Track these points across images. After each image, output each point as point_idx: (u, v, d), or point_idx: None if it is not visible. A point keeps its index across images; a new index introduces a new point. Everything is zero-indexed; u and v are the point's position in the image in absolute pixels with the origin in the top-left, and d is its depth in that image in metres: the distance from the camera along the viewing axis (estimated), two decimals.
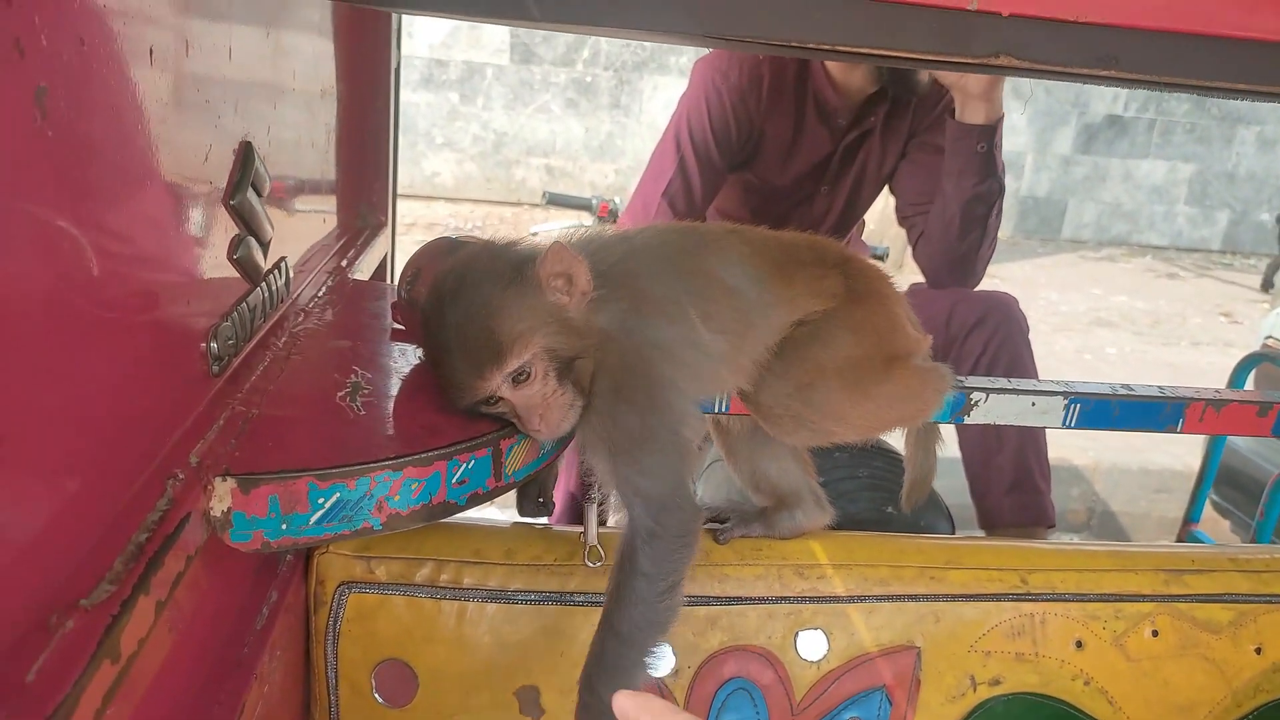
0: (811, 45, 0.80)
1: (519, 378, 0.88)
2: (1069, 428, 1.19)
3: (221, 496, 0.77)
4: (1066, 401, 1.17)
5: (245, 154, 0.96)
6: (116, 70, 0.67)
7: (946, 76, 2.00)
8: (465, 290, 0.89)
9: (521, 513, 1.17)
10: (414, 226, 6.88)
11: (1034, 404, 1.17)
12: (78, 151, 0.62)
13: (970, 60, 0.81)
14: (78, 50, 0.61)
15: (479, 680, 1.08)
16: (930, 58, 0.82)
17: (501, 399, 0.89)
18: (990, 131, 1.99)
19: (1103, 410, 1.17)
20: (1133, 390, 1.20)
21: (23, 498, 0.56)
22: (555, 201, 3.61)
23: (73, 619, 0.57)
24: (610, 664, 0.91)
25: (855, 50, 0.81)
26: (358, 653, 1.07)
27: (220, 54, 0.91)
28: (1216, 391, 1.23)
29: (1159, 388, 1.21)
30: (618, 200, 3.47)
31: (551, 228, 3.76)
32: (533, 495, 1.15)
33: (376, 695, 1.07)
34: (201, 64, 0.85)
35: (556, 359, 0.89)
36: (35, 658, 0.53)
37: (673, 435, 0.95)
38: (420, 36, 7.99)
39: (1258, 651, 1.22)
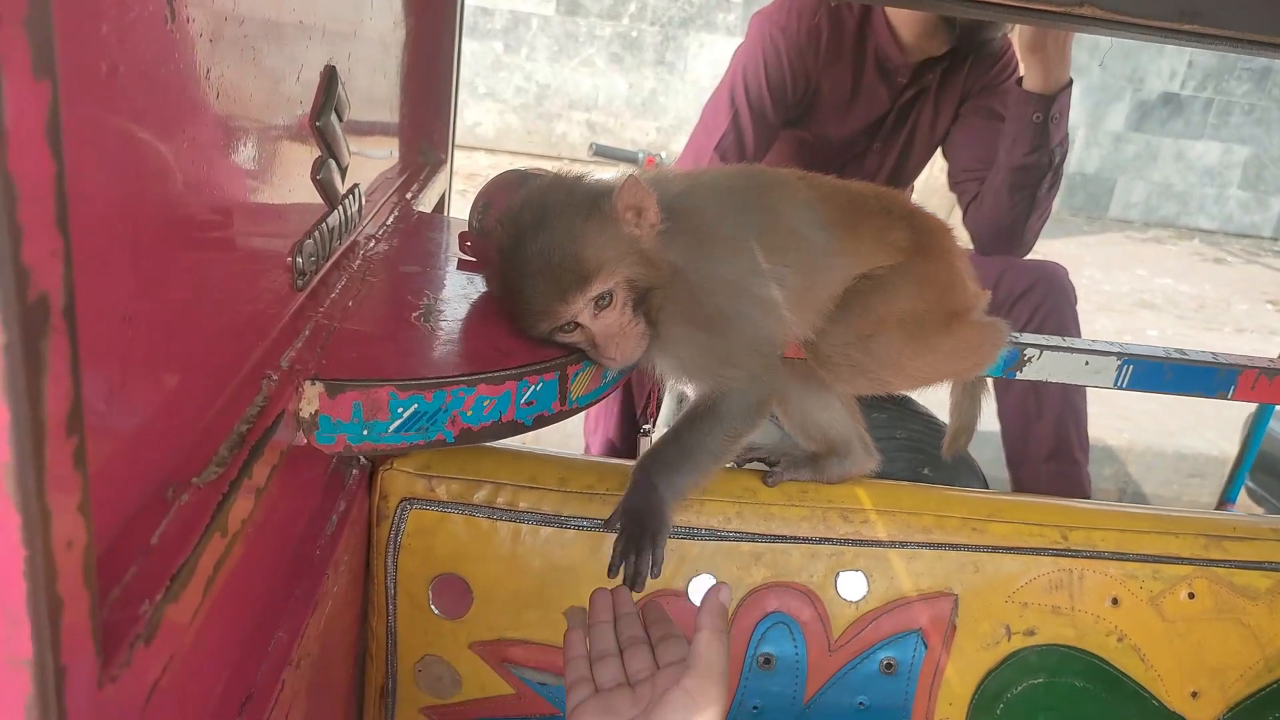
0: None
1: (601, 303, 0.91)
2: (1121, 388, 1.20)
3: (310, 399, 0.81)
4: (1120, 362, 1.18)
5: (330, 78, 0.99)
6: None
7: (1019, 40, 1.97)
8: (548, 219, 0.92)
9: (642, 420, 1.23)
10: (454, 176, 6.90)
11: (1087, 363, 1.18)
12: (195, 59, 0.65)
13: (1056, 9, 0.82)
14: None
15: (530, 598, 1.13)
16: (1015, 4, 0.82)
17: (579, 326, 0.93)
18: (1048, 102, 1.97)
19: (1155, 372, 1.18)
20: (1186, 354, 1.20)
21: (141, 380, 0.60)
22: (601, 154, 3.61)
23: (187, 494, 0.61)
24: (669, 462, 0.98)
25: None
26: (416, 565, 1.12)
27: None
28: (1271, 360, 1.23)
29: (1212, 354, 1.22)
30: (663, 155, 3.46)
31: (611, 177, 3.76)
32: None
33: (433, 606, 1.13)
34: None
35: (634, 289, 0.92)
36: (157, 524, 0.58)
37: (750, 351, 1.00)
38: None
39: None
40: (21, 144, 0.35)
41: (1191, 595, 1.21)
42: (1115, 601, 1.20)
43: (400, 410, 0.84)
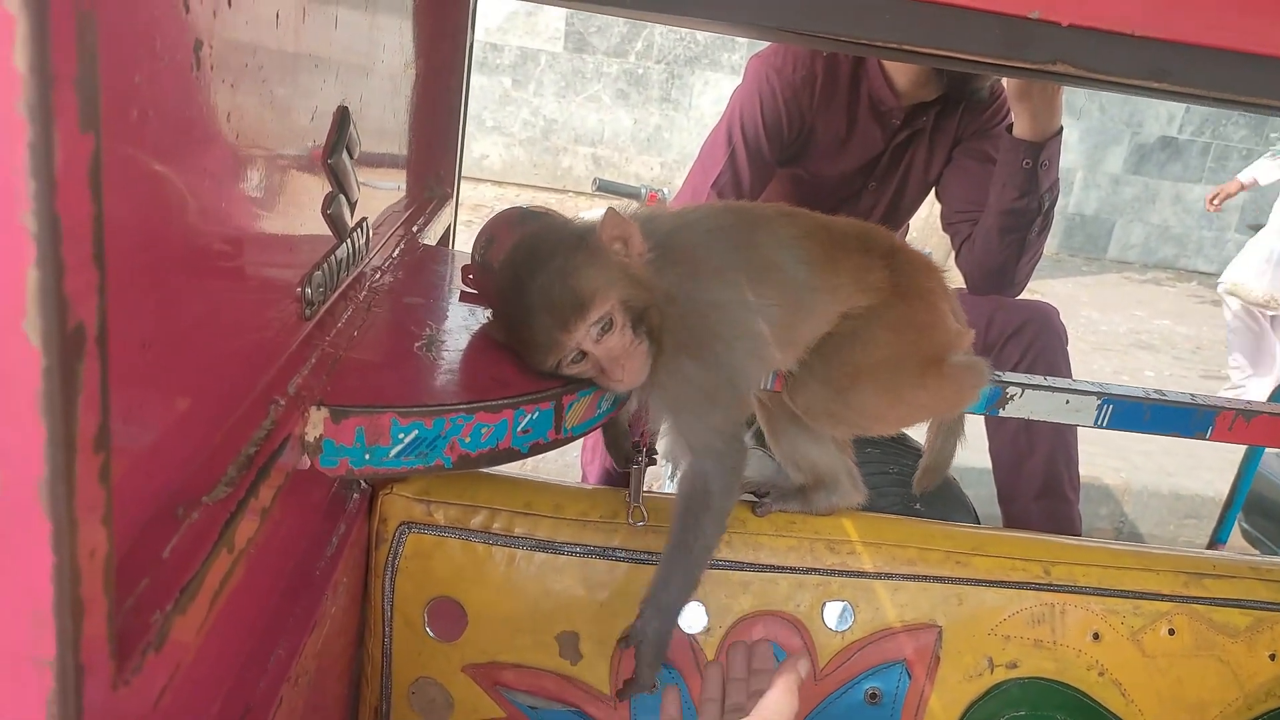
0: (877, 43, 0.85)
1: (602, 328, 0.95)
2: (1100, 427, 1.23)
3: (315, 424, 0.84)
4: (1100, 401, 1.22)
5: (342, 117, 1.04)
6: (250, 30, 0.75)
7: (1007, 89, 2.03)
8: (540, 261, 0.97)
9: (620, 466, 1.26)
10: (460, 207, 6.99)
11: (1068, 402, 1.22)
12: (216, 103, 0.69)
13: (1029, 66, 0.87)
14: (225, 9, 0.69)
15: (524, 622, 1.15)
16: (991, 61, 0.87)
17: (585, 354, 0.97)
18: (1036, 149, 2.02)
19: (1134, 412, 1.22)
20: (1165, 395, 1.24)
21: (161, 402, 0.64)
22: (605, 189, 3.67)
23: (197, 511, 0.65)
24: (680, 586, 1.04)
25: (918, 50, 0.86)
26: (412, 588, 1.15)
27: (329, 21, 0.99)
28: (1248, 402, 1.27)
29: (1190, 395, 1.25)
30: (665, 191, 3.52)
31: (600, 214, 3.82)
32: (628, 448, 1.23)
33: (428, 629, 1.15)
34: (314, 30, 0.93)
35: (631, 310, 0.96)
36: (168, 539, 0.61)
37: (733, 390, 1.04)
38: (477, 20, 8.09)
39: (1272, 658, 1.26)
40: (68, 189, 0.39)
41: (1172, 631, 1.24)
42: (1097, 636, 1.22)
43: (401, 436, 0.88)
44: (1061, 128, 2.03)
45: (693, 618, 1.18)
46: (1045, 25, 0.84)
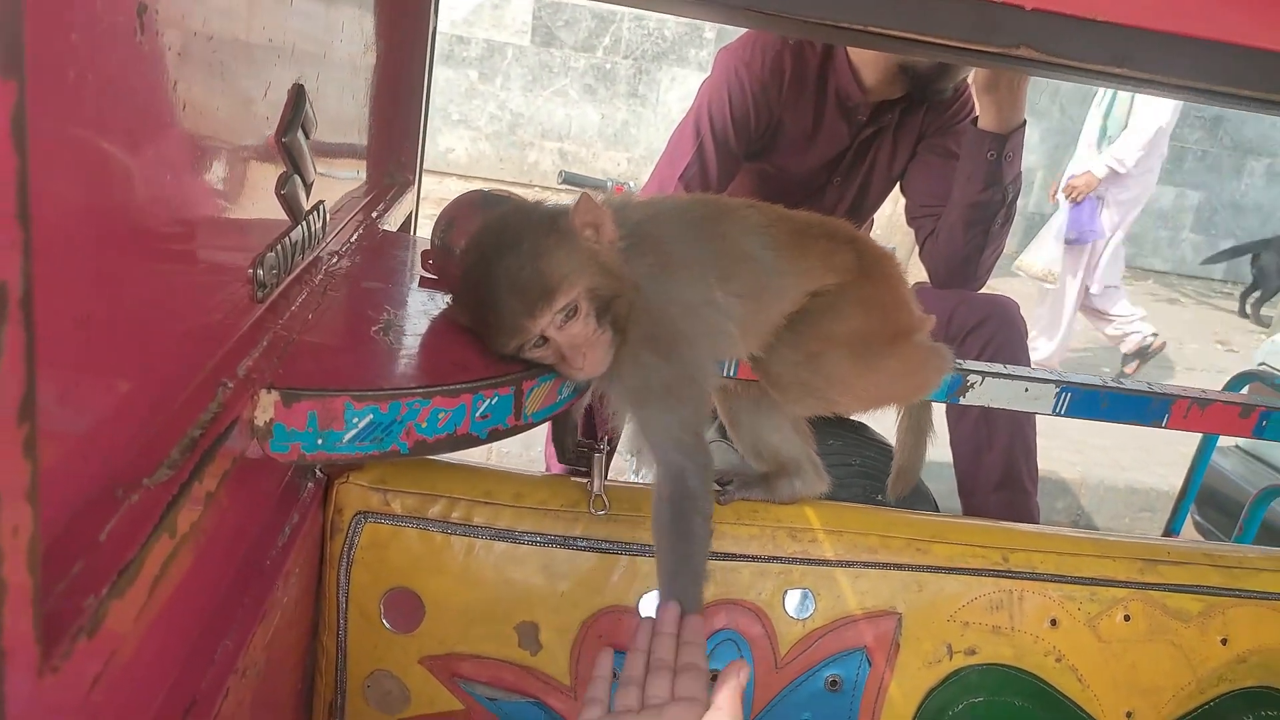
0: (844, 25, 0.85)
1: (566, 315, 0.94)
2: (1059, 415, 1.24)
3: (265, 407, 0.82)
4: (1058, 390, 1.23)
5: (298, 96, 1.01)
6: None
7: (975, 80, 2.05)
8: (508, 242, 0.95)
9: (560, 460, 1.23)
10: (425, 200, 6.92)
11: (1027, 390, 1.23)
12: (163, 70, 0.67)
13: (993, 50, 0.87)
14: None
15: (482, 613, 1.14)
16: (955, 44, 0.87)
17: (547, 340, 0.95)
18: (1001, 141, 2.04)
19: (1092, 400, 1.23)
20: (1122, 384, 1.25)
21: (96, 380, 0.61)
22: (570, 181, 3.65)
23: (137, 494, 0.62)
24: (694, 600, 1.00)
25: (884, 32, 0.86)
26: (369, 579, 1.12)
27: (283, 4, 0.96)
28: (1203, 391, 1.29)
29: (1147, 384, 1.27)
30: (632, 185, 3.52)
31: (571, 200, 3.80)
32: (570, 444, 1.21)
33: (384, 621, 1.13)
34: (269, 5, 0.90)
35: (597, 299, 0.95)
36: (106, 522, 0.59)
37: (693, 385, 1.02)
38: (443, 12, 8.00)
39: (1224, 642, 1.28)
40: None
41: (1127, 617, 1.25)
42: (1054, 622, 1.23)
43: (355, 420, 0.86)
44: (1025, 121, 2.06)
45: (653, 606, 1.17)
46: (1011, 9, 0.84)
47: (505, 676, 1.14)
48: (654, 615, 0.98)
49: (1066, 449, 4.39)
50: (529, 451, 4.00)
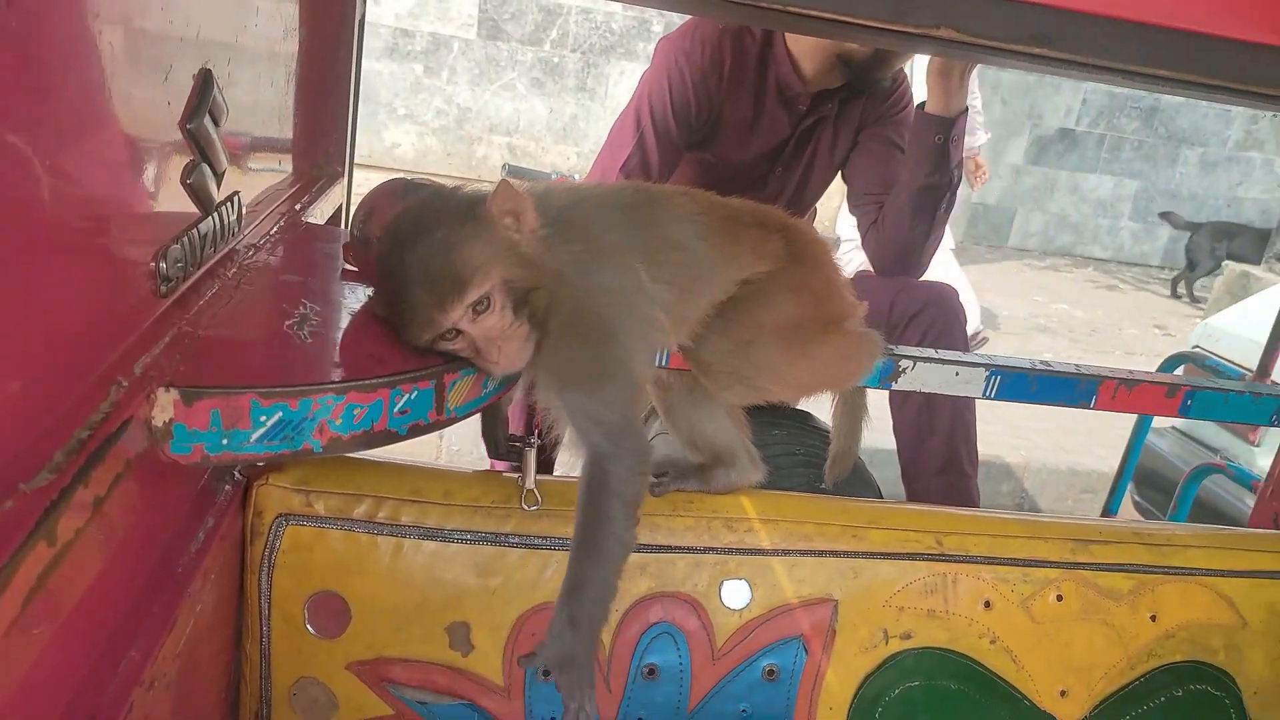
0: (764, 6, 0.83)
1: (479, 308, 0.91)
2: (990, 398, 1.25)
3: (164, 406, 0.78)
4: (988, 373, 1.23)
5: (204, 81, 0.97)
6: None
7: (928, 65, 2.06)
8: (423, 230, 0.92)
9: (491, 455, 1.20)
10: (362, 194, 6.80)
11: (958, 374, 1.23)
12: (36, 53, 0.63)
13: (913, 30, 0.86)
14: None
15: (411, 614, 1.11)
16: (878, 25, 0.86)
17: (461, 333, 0.92)
18: (948, 125, 2.06)
19: (1021, 383, 1.24)
20: (1050, 365, 1.26)
21: None
22: (514, 174, 3.62)
23: (12, 500, 0.58)
24: (595, 583, 0.95)
25: (804, 12, 0.85)
26: (291, 584, 1.09)
27: None
28: (1130, 372, 1.30)
29: (1075, 365, 1.28)
30: (577, 178, 3.50)
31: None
32: (502, 438, 1.18)
33: (309, 626, 1.09)
34: None
35: (513, 291, 0.92)
36: None
37: (624, 368, 0.99)
38: (387, 4, 7.88)
39: (1153, 619, 1.30)
40: None
41: (1060, 597, 1.27)
42: (988, 604, 1.24)
43: (263, 419, 0.82)
44: (967, 107, 2.08)
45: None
46: None
47: (437, 679, 1.12)
48: None
49: (1010, 434, 4.47)
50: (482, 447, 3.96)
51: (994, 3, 0.83)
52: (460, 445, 4.06)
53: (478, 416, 1.14)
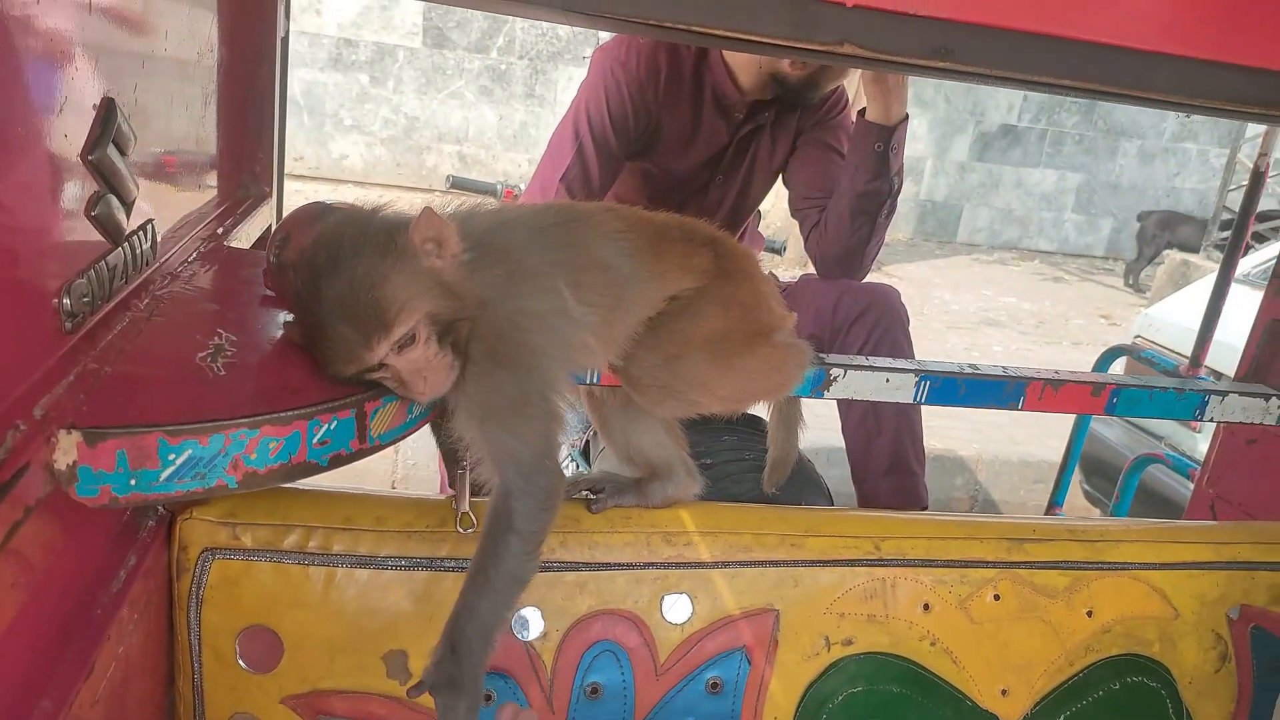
0: (668, 25, 0.83)
1: (404, 343, 0.90)
2: (920, 403, 1.27)
3: (66, 449, 0.76)
4: (918, 379, 1.25)
5: (107, 110, 0.94)
6: None
7: (864, 74, 2.09)
8: (342, 262, 0.90)
9: (452, 485, 1.18)
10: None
11: (888, 380, 1.24)
12: None
13: (818, 47, 0.87)
14: None
15: (346, 645, 1.09)
16: (783, 43, 0.87)
17: (385, 365, 0.91)
18: (888, 133, 2.08)
19: (950, 387, 1.25)
20: (978, 369, 1.28)
21: None
22: (459, 186, 3.58)
23: None
24: (481, 613, 0.95)
25: (711, 32, 0.85)
26: (221, 619, 1.06)
27: (80, 8, 0.90)
28: (1055, 372, 1.33)
29: (1002, 368, 1.30)
30: (523, 187, 3.47)
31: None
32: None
33: (240, 661, 1.07)
34: (59, 18, 0.84)
35: (438, 322, 0.91)
36: None
37: (543, 401, 0.98)
38: (329, 14, 7.79)
39: (1089, 615, 1.32)
40: None
41: (997, 597, 1.28)
42: (927, 607, 1.25)
43: (172, 457, 0.80)
44: (907, 115, 2.11)
45: (529, 623, 1.15)
46: (830, 6, 0.84)
47: (374, 710, 1.10)
48: None
49: (963, 428, 4.54)
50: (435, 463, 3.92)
51: (895, 19, 0.84)
52: (416, 457, 4.02)
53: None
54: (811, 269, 2.46)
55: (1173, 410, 1.40)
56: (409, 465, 4.01)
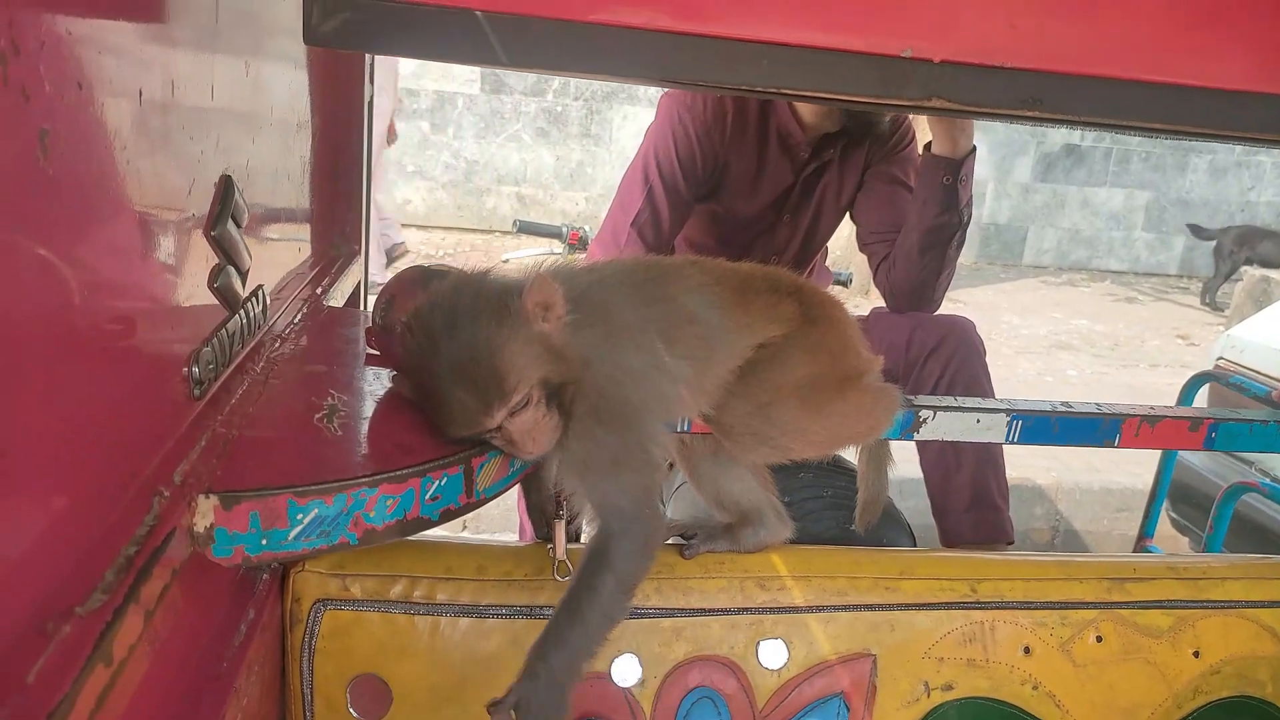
0: (759, 89, 0.86)
1: (518, 408, 0.93)
2: (1012, 443, 1.26)
3: (205, 513, 0.80)
4: (1009, 418, 1.24)
5: (225, 187, 1.01)
6: (110, 111, 0.72)
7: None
8: (459, 327, 0.93)
9: (538, 534, 1.21)
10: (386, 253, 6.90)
11: (979, 420, 1.24)
12: (73, 187, 0.66)
13: (906, 103, 0.88)
14: (75, 94, 0.66)
15: (452, 693, 1.11)
16: (871, 100, 0.89)
17: (499, 427, 0.95)
18: (955, 166, 2.08)
19: (1043, 426, 1.24)
20: (1072, 407, 1.27)
21: (20, 511, 0.60)
22: (525, 230, 3.67)
23: (69, 625, 0.60)
24: (571, 644, 0.96)
25: (802, 94, 0.87)
26: (332, 668, 1.10)
27: (203, 91, 0.96)
28: (1151, 408, 1.30)
29: (1096, 405, 1.28)
30: (587, 228, 3.53)
31: (523, 255, 3.81)
32: (549, 505, 1.19)
33: (351, 710, 1.10)
34: (185, 101, 0.90)
35: (547, 386, 0.94)
36: (34, 660, 0.57)
37: (644, 454, 1.01)
38: (374, 74, 8.05)
39: (1196, 655, 1.29)
40: None
41: (1099, 638, 1.25)
42: (1027, 650, 1.23)
43: (300, 516, 0.84)
44: (975, 146, 2.10)
45: (627, 670, 1.16)
46: (918, 63, 0.86)
47: None
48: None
49: (1040, 456, 4.42)
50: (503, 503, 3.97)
51: (983, 72, 0.85)
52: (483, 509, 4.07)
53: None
54: (878, 299, 2.45)
55: (1273, 444, 1.36)
56: (478, 513, 4.05)
